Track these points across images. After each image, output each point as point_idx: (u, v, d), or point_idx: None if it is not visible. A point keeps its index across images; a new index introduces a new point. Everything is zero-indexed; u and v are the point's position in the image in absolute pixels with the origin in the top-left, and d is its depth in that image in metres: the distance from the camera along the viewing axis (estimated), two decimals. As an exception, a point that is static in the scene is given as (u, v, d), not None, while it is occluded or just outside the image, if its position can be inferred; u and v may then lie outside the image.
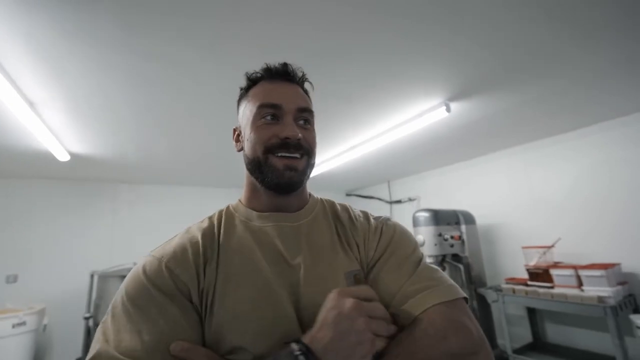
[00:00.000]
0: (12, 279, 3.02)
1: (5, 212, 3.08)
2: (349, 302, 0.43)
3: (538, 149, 2.83)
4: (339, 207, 0.66)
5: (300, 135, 0.55)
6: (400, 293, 0.51)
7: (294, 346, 0.41)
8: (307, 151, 0.58)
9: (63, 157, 2.49)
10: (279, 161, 0.55)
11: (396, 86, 1.72)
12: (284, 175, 0.55)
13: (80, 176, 3.29)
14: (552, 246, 2.47)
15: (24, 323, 2.51)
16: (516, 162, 2.99)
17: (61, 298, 3.10)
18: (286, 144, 0.55)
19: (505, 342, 2.47)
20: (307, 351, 0.40)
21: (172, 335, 0.45)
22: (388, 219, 0.64)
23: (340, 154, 2.87)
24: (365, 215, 0.65)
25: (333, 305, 0.44)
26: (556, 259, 2.48)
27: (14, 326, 2.45)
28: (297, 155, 0.56)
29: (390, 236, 0.59)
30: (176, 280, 0.49)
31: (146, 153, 2.66)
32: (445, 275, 0.55)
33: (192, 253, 0.52)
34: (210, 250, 0.54)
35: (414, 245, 0.59)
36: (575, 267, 2.20)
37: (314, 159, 0.61)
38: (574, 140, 2.60)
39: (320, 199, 0.68)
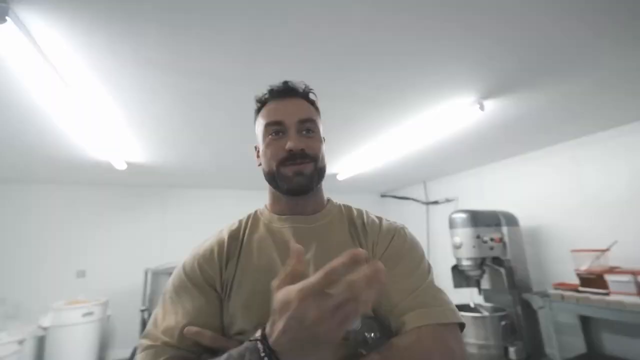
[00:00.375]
0: (81, 274, 3.44)
1: (76, 215, 3.53)
2: (313, 313, 0.36)
3: (588, 145, 2.60)
4: (355, 212, 0.71)
5: (301, 146, 0.61)
6: (401, 305, 0.54)
7: (259, 346, 0.40)
8: (312, 158, 0.63)
9: (121, 166, 2.81)
10: (289, 169, 0.62)
11: (427, 85, 1.70)
12: (293, 181, 0.62)
13: (135, 182, 3.67)
14: (608, 250, 2.26)
15: (92, 313, 2.85)
16: (564, 159, 2.78)
17: (121, 292, 3.47)
18: (292, 156, 0.61)
19: (554, 351, 2.32)
20: (270, 352, 0.39)
21: (197, 318, 0.55)
22: (403, 227, 0.67)
23: (373, 155, 2.88)
24: (379, 219, 0.69)
25: (295, 314, 0.37)
26: (611, 264, 2.27)
27: (83, 315, 2.79)
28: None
29: (400, 244, 0.63)
30: (205, 274, 0.60)
31: (190, 161, 2.91)
32: (449, 298, 0.57)
33: (218, 252, 0.62)
34: (233, 248, 0.63)
35: (421, 257, 0.62)
36: (634, 273, 2.00)
37: (322, 163, 0.66)
38: (627, 135, 2.37)
39: (339, 204, 0.73)
